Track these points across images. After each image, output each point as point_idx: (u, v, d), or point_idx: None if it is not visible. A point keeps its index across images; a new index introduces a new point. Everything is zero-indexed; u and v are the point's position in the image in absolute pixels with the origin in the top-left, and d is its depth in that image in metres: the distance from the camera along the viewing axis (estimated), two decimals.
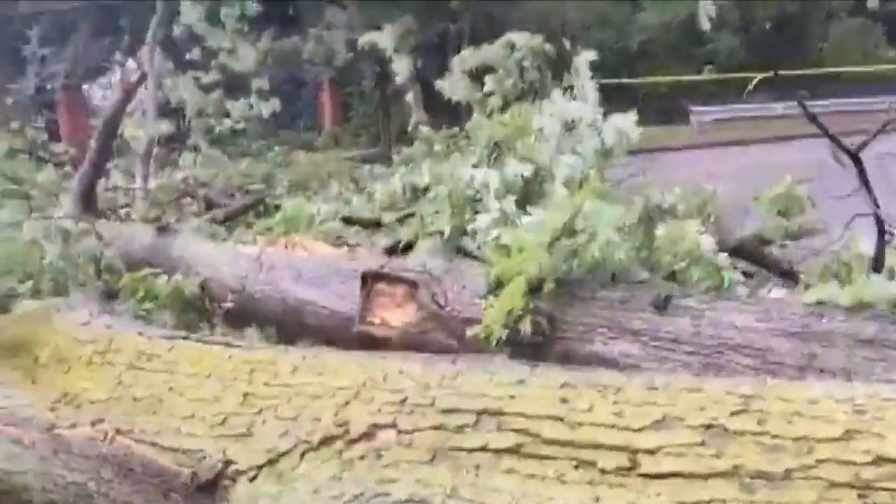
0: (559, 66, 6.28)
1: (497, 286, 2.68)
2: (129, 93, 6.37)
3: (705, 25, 3.70)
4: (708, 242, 3.18)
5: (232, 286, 4.25)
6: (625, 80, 18.02)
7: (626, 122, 3.94)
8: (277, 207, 8.26)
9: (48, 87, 21.44)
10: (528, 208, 3.26)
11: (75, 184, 5.96)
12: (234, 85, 11.80)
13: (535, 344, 2.54)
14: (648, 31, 23.09)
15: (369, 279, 3.24)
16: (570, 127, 4.03)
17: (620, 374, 1.80)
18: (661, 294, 2.53)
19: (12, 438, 1.99)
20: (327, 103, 23.82)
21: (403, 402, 1.82)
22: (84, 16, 25.99)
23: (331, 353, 2.32)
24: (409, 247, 5.03)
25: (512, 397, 1.71)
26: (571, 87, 5.19)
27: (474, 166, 4.82)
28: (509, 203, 3.72)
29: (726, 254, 3.39)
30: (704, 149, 17.82)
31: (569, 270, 2.68)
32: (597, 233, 2.61)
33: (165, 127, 9.52)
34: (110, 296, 4.68)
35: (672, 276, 3.20)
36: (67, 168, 9.92)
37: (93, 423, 1.96)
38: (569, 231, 2.63)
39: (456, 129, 7.27)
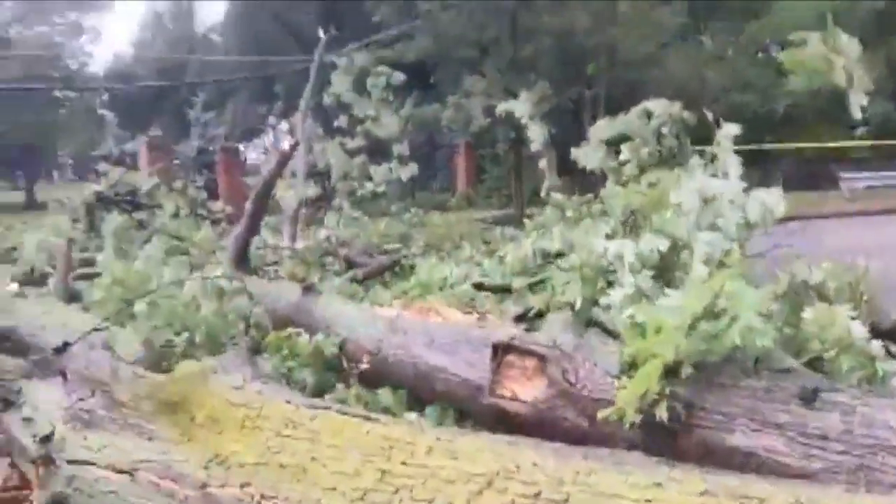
0: (699, 133, 6.17)
1: (631, 367, 2.63)
2: (284, 161, 6.87)
3: (857, 115, 3.52)
4: (860, 329, 2.98)
5: (368, 348, 4.40)
6: (769, 146, 17.33)
7: (771, 198, 3.81)
8: (412, 268, 8.53)
9: (209, 148, 23.38)
10: (665, 286, 3.19)
11: (230, 244, 6.42)
12: (377, 150, 12.42)
13: (670, 430, 2.47)
14: (795, 95, 22.17)
15: (500, 350, 3.27)
16: (709, 201, 3.94)
17: (765, 483, 1.71)
18: (808, 386, 2.39)
19: (167, 492, 2.15)
20: (462, 166, 24.45)
21: (537, 496, 1.81)
22: (243, 83, 28.38)
23: (464, 436, 2.35)
24: (539, 315, 5.04)
25: (648, 502, 1.68)
26: (713, 158, 5.08)
27: (608, 237, 4.78)
28: (644, 278, 3.66)
29: (880, 341, 3.16)
30: (855, 217, 16.73)
31: (708, 355, 2.60)
32: (738, 317, 2.52)
33: (313, 189, 10.12)
34: (257, 351, 4.98)
35: (819, 364, 3.02)
36: (223, 225, 10.73)
37: (241, 486, 2.09)
38: (708, 314, 2.55)
39: (590, 195, 7.25)
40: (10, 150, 31.52)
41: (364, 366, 4.39)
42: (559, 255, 6.78)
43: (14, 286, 7.46)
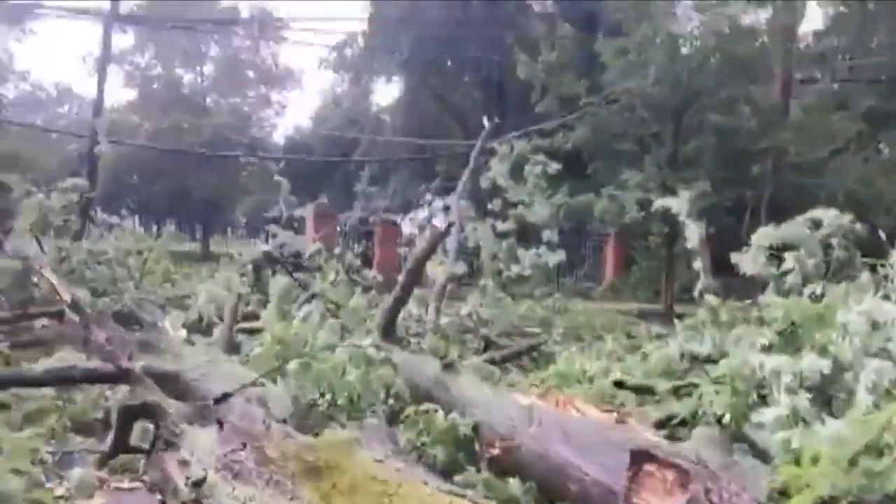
0: (871, 247, 5.79)
1: (781, 495, 2.49)
2: (439, 239, 7.16)
3: None
4: None
5: (501, 433, 4.41)
6: None
7: None
8: (551, 356, 8.45)
9: (369, 219, 24.64)
10: (824, 412, 2.99)
11: (380, 312, 6.72)
12: (527, 234, 12.60)
13: None
14: None
15: (639, 457, 3.17)
16: (880, 325, 3.68)
17: None
18: None
19: None
20: (610, 255, 24.12)
21: None
22: (406, 163, 29.95)
23: None
24: (682, 423, 4.83)
25: None
26: (885, 277, 4.76)
27: (764, 349, 4.56)
28: (802, 400, 3.44)
29: None
30: None
31: (867, 493, 2.40)
32: None
33: (461, 267, 10.38)
34: (393, 421, 5.12)
35: None
36: (374, 293, 11.19)
37: None
38: (872, 449, 2.38)
39: (746, 301, 6.94)
40: (193, 205, 34.80)
41: (496, 451, 4.39)
42: (708, 360, 6.49)
43: (184, 332, 8.16)
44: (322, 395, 5.21)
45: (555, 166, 11.98)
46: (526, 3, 28.66)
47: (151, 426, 3.98)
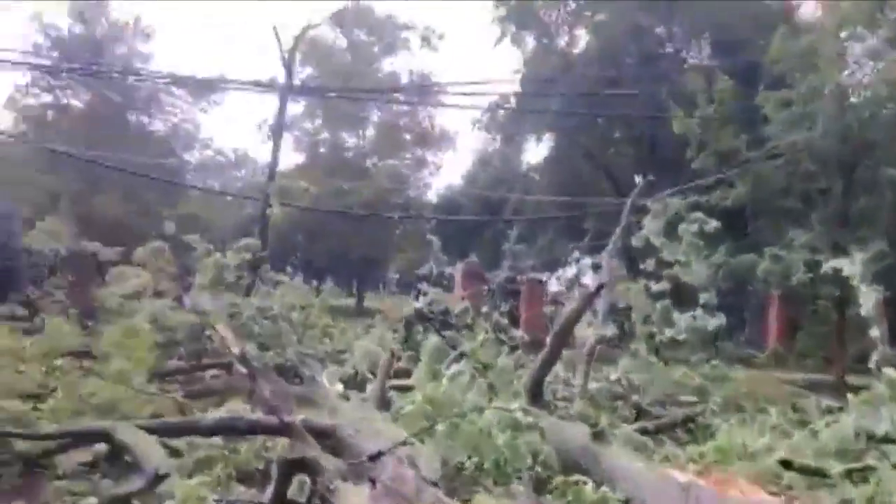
0: None
1: None
2: (589, 301, 7.05)
3: None
4: None
5: None
6: None
7: None
8: (708, 428, 7.98)
9: (517, 278, 24.69)
10: None
11: (528, 375, 6.68)
12: (682, 296, 12.08)
13: None
14: None
15: None
16: None
17: None
18: None
19: None
20: (774, 320, 22.61)
21: None
22: (553, 221, 29.88)
23: None
24: None
25: None
26: None
27: None
28: None
29: None
30: None
31: None
32: None
33: (611, 329, 10.12)
34: (539, 489, 5.03)
35: None
36: (520, 353, 11.13)
37: None
38: None
39: None
40: (351, 262, 36.49)
41: None
42: (887, 440, 5.92)
43: (340, 386, 8.51)
44: (469, 457, 5.22)
45: (713, 224, 11.45)
46: (681, 58, 28.19)
47: (308, 480, 4.17)
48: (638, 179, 14.40)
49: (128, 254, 12.44)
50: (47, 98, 36.96)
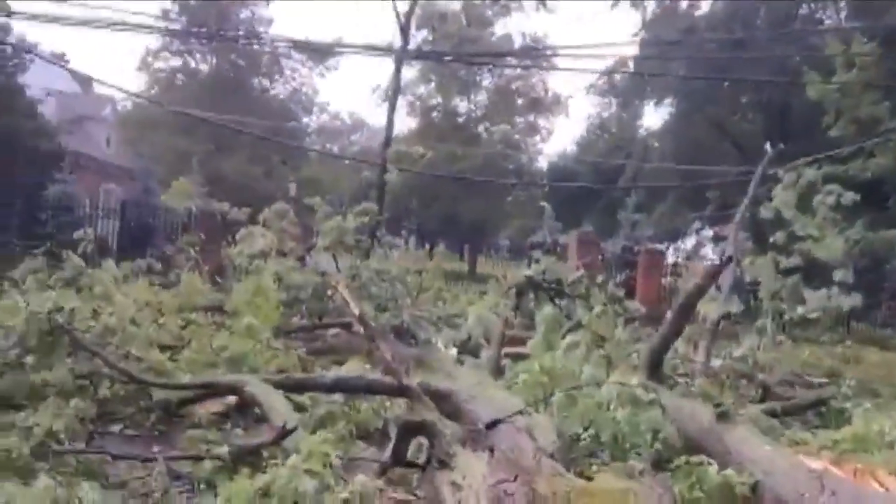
0: None
1: None
2: (715, 275, 6.72)
3: None
4: None
5: (786, 499, 3.99)
6: None
7: None
8: (842, 413, 7.49)
9: (633, 247, 24.03)
10: None
11: (646, 350, 6.44)
12: (814, 272, 11.36)
13: None
14: None
15: None
16: None
17: None
18: None
19: None
20: None
21: None
22: (673, 190, 28.75)
23: None
24: None
25: None
26: None
27: None
28: None
29: None
30: None
31: None
32: None
33: (736, 305, 9.66)
34: (659, 466, 4.87)
35: None
36: (637, 325, 10.82)
37: None
38: None
39: None
40: (462, 227, 36.75)
41: None
42: None
43: (454, 351, 8.58)
44: (586, 429, 5.12)
45: (850, 196, 10.64)
46: (816, 19, 26.27)
47: (426, 443, 4.21)
48: (767, 147, 13.61)
49: (253, 214, 12.99)
50: (176, 62, 38.92)
